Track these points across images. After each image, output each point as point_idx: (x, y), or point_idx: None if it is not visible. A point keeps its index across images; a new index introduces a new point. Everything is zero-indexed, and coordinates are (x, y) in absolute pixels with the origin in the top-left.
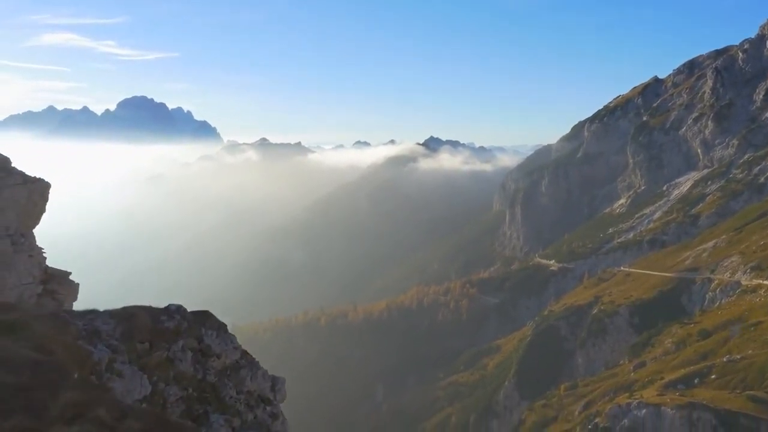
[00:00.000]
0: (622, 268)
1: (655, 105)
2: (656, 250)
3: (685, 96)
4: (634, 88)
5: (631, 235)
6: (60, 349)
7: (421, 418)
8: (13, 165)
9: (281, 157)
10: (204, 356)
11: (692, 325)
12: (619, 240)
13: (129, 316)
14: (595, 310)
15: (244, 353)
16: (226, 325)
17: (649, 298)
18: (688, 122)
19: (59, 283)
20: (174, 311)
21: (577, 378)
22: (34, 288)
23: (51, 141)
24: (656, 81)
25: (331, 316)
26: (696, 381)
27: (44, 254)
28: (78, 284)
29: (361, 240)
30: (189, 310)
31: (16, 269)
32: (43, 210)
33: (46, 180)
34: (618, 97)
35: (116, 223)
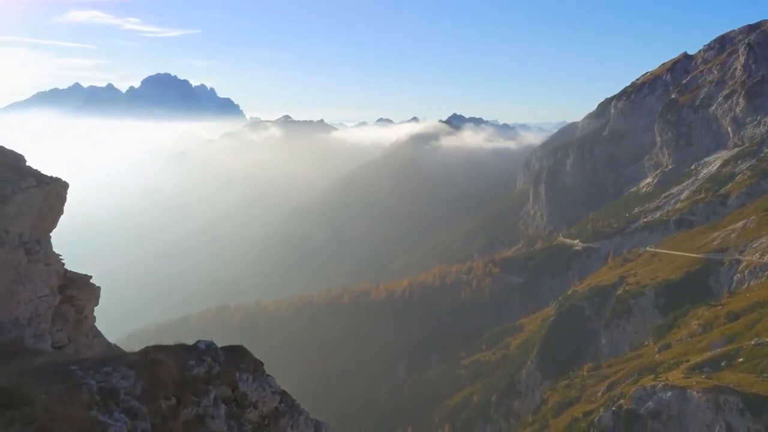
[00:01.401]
0: (648, 248)
1: (684, 82)
2: (683, 230)
3: (716, 72)
4: (663, 64)
5: (657, 214)
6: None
7: (442, 396)
8: (27, 164)
9: (304, 134)
10: (239, 407)
11: (719, 307)
12: (645, 220)
13: (151, 365)
14: (620, 291)
15: (284, 396)
16: (262, 364)
17: (675, 279)
18: (719, 99)
19: (79, 288)
20: (203, 351)
21: (600, 359)
22: (51, 300)
23: (76, 118)
24: (686, 57)
25: (354, 294)
26: (723, 364)
27: (62, 260)
28: (99, 288)
29: (384, 218)
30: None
31: (32, 281)
32: (60, 212)
33: (63, 180)
34: (646, 73)
35: (140, 200)
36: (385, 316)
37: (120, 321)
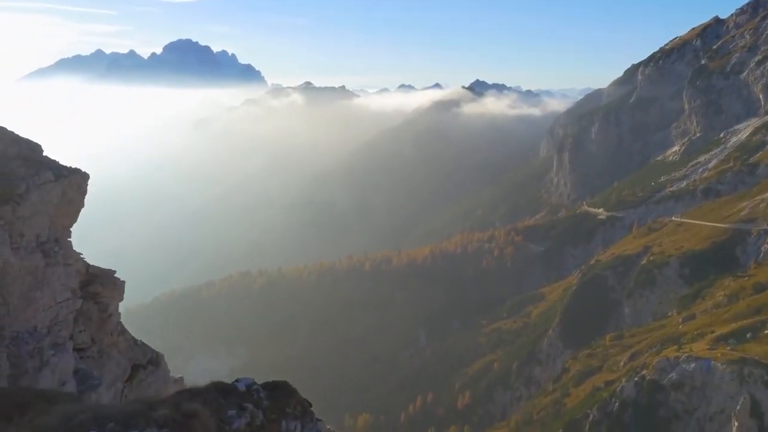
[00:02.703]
0: (673, 218)
1: (714, 47)
2: (711, 199)
3: (748, 37)
4: (693, 29)
5: (684, 183)
6: None
7: (463, 362)
8: (44, 153)
9: (326, 101)
10: None
11: (746, 278)
12: (671, 189)
13: (185, 420)
14: (644, 261)
15: None
16: (310, 404)
17: (701, 249)
18: (750, 66)
19: (102, 284)
20: (244, 394)
21: (623, 329)
22: (72, 304)
23: (99, 85)
24: (717, 22)
25: (376, 262)
26: (748, 336)
27: (82, 257)
28: (123, 282)
29: (406, 185)
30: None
31: (50, 286)
32: (80, 206)
33: (82, 171)
34: (675, 38)
35: (163, 166)
36: (407, 283)
37: (144, 286)
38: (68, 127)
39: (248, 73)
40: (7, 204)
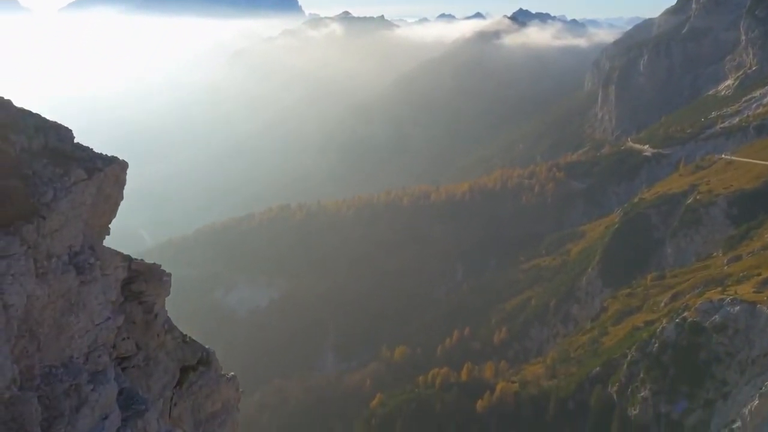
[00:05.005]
0: (723, 155)
1: None
2: (764, 136)
3: None
4: None
5: (736, 119)
6: None
7: (501, 298)
8: (76, 141)
9: (365, 31)
10: None
11: None
12: (722, 125)
13: None
14: (690, 200)
15: None
16: None
17: (751, 188)
18: None
19: (146, 281)
20: None
21: (665, 269)
22: (112, 324)
23: (137, 16)
24: None
25: (414, 196)
26: None
27: (124, 255)
28: (170, 275)
29: (445, 118)
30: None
31: (87, 307)
32: (119, 199)
33: (120, 159)
34: None
35: (202, 98)
36: (445, 219)
37: (186, 218)
38: (107, 60)
39: (285, 3)
40: (30, 222)
